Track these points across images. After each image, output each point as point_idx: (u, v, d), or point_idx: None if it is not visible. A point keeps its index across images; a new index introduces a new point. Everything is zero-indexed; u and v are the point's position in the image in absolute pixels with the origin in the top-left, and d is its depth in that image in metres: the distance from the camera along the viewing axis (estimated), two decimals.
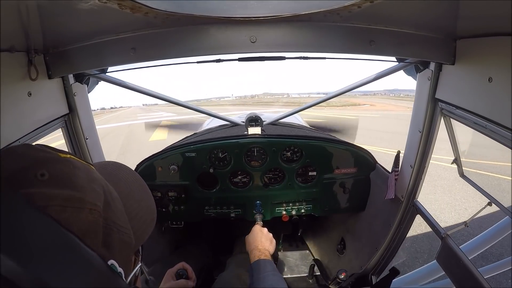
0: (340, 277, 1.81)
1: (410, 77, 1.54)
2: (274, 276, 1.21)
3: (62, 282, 0.37)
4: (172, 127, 15.50)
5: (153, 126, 17.22)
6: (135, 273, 0.58)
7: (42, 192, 0.41)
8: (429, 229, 1.60)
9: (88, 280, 0.40)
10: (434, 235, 1.57)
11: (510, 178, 5.26)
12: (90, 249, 0.43)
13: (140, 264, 0.59)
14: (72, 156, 0.50)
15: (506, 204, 1.36)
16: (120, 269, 0.49)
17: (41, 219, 0.39)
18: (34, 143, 1.16)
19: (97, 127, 1.62)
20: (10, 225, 0.37)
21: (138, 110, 46.94)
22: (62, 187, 0.43)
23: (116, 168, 0.66)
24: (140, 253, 0.64)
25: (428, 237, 3.83)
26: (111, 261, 0.47)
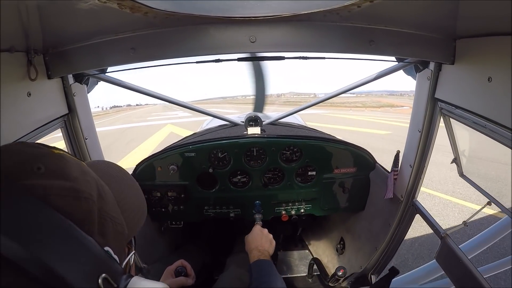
0: (338, 273, 1.82)
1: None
2: (273, 276, 1.21)
3: (61, 263, 0.41)
4: (171, 135, 13.40)
5: (147, 134, 14.59)
6: (129, 260, 0.63)
7: (40, 183, 0.44)
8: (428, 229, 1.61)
9: (86, 262, 0.44)
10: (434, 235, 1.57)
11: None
12: (88, 235, 0.46)
13: (133, 252, 0.63)
14: (65, 152, 0.53)
15: (506, 203, 1.37)
16: (115, 256, 0.53)
17: (40, 206, 0.43)
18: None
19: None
20: (10, 212, 0.40)
21: (160, 108, 45.05)
22: (58, 179, 0.46)
23: (106, 165, 0.71)
24: (133, 244, 0.68)
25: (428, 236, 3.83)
26: (107, 248, 0.51)
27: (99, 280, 0.44)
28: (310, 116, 19.37)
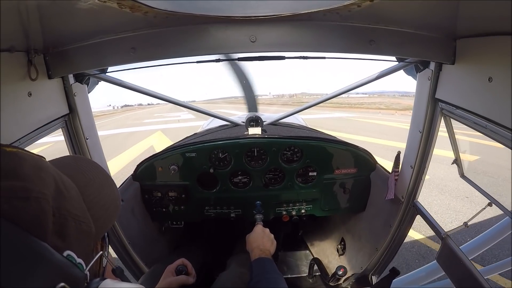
0: (338, 273, 1.82)
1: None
2: (274, 274, 1.20)
3: (6, 277, 0.36)
4: (149, 150, 10.16)
5: (120, 148, 11.23)
6: (100, 261, 0.59)
7: None
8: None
9: (37, 272, 0.40)
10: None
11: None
12: (40, 239, 0.42)
13: (100, 252, 0.58)
14: (20, 150, 0.49)
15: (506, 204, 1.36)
16: (79, 260, 0.49)
17: None
18: (34, 143, 1.17)
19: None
20: None
21: (167, 109, 41.86)
22: (6, 179, 0.42)
23: (74, 159, 0.67)
24: (107, 242, 0.64)
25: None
26: (67, 252, 0.47)
27: None
28: (335, 121, 17.95)
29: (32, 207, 0.42)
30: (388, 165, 1.75)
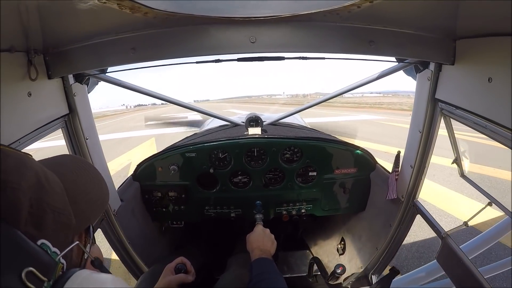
0: (337, 271, 1.82)
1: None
2: (274, 274, 1.21)
3: None
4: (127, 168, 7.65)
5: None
6: (79, 254, 0.63)
7: None
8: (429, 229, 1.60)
9: (7, 255, 0.42)
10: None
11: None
12: (13, 227, 0.45)
13: (76, 242, 0.59)
14: (6, 147, 0.52)
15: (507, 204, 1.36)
16: (54, 249, 0.52)
17: None
18: (33, 144, 1.17)
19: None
20: None
21: (176, 109, 37.63)
22: None
23: (67, 158, 0.72)
24: (91, 234, 0.68)
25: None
26: (41, 241, 0.49)
27: (22, 274, 0.42)
28: (366, 125, 14.52)
29: (7, 196, 0.46)
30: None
